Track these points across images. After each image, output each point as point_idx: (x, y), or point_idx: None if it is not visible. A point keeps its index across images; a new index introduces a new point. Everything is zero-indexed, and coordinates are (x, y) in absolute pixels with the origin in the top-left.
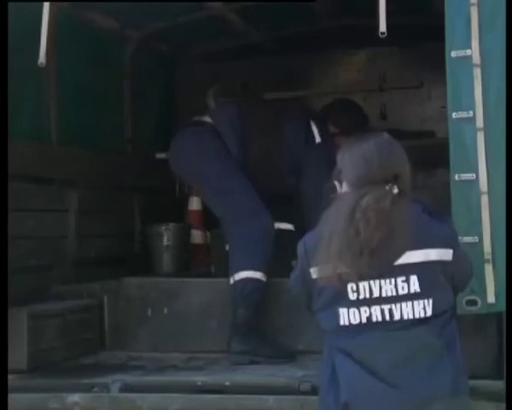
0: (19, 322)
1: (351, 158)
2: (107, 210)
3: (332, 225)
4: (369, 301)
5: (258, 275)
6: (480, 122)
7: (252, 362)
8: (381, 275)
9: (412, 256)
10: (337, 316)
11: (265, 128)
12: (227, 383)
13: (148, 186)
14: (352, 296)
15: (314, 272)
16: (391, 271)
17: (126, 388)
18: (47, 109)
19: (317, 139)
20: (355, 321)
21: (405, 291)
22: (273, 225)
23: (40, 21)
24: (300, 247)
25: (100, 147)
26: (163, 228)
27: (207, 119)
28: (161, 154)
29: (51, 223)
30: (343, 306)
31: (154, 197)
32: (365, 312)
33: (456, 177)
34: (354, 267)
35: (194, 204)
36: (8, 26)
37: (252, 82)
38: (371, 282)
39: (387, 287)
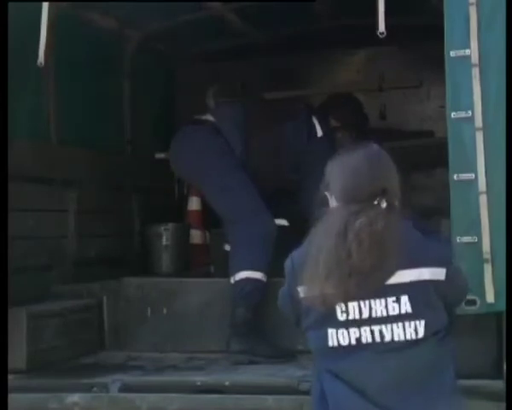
0: (18, 322)
1: (339, 170)
2: (106, 210)
3: (320, 243)
4: (359, 322)
5: (258, 275)
6: (478, 122)
7: (251, 362)
8: (371, 295)
9: (404, 276)
10: (326, 337)
11: (267, 126)
12: (226, 383)
13: (148, 186)
14: (341, 317)
15: (301, 291)
16: (381, 291)
17: (126, 388)
18: (47, 109)
19: (319, 133)
20: (344, 342)
21: (396, 312)
22: (274, 226)
23: (40, 21)
24: (288, 264)
25: (100, 147)
26: (162, 228)
27: (209, 117)
28: (161, 154)
29: (51, 223)
30: (332, 326)
31: (153, 197)
32: (355, 333)
33: (455, 177)
34: (342, 288)
35: (194, 204)
36: (8, 26)
37: (252, 82)
38: (361, 302)
39: (378, 307)
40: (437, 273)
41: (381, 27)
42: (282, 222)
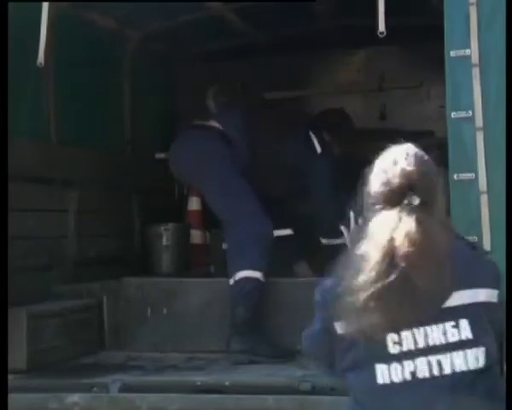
0: (19, 322)
1: (371, 176)
2: (106, 210)
3: (360, 268)
4: (414, 353)
5: (257, 275)
6: (479, 122)
7: (251, 362)
8: (427, 321)
9: (461, 297)
10: (373, 374)
11: (268, 141)
12: (226, 383)
13: (148, 186)
14: (394, 349)
15: (340, 326)
16: (438, 315)
17: (126, 388)
18: (47, 109)
19: (318, 150)
20: (397, 378)
21: (456, 338)
22: (272, 231)
23: (39, 21)
24: (318, 296)
25: (100, 147)
26: (162, 228)
27: (214, 123)
28: (161, 154)
29: (51, 223)
30: (382, 361)
31: (153, 197)
32: (409, 366)
33: (455, 176)
34: (393, 316)
35: (194, 204)
36: (7, 25)
37: (252, 82)
38: (415, 330)
39: (435, 335)
40: (491, 295)
41: (381, 27)
42: (287, 232)
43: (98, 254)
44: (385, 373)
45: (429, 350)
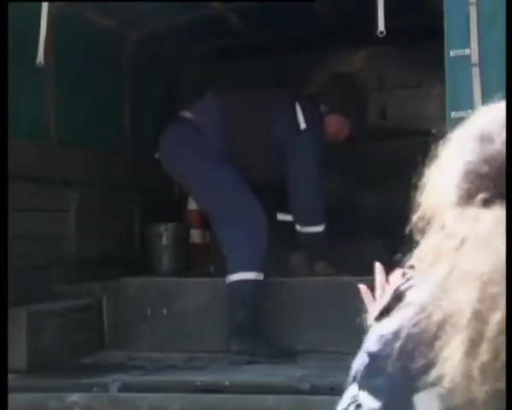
0: (18, 322)
1: (453, 147)
2: (106, 210)
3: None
4: None
5: (253, 275)
6: None
7: (251, 362)
8: None
9: None
10: None
11: (250, 119)
12: (226, 383)
13: (148, 186)
14: None
15: (430, 399)
16: None
17: (126, 388)
18: (46, 109)
19: (302, 125)
20: None
21: None
22: (266, 223)
23: (39, 21)
24: (375, 347)
25: (99, 147)
26: (162, 228)
27: (187, 114)
28: None
29: (51, 223)
30: None
31: (153, 197)
32: None
33: None
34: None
35: (194, 204)
36: (7, 25)
37: (251, 82)
38: None
39: None
40: None
41: (381, 27)
42: (287, 217)
43: (98, 254)
44: None
45: None
